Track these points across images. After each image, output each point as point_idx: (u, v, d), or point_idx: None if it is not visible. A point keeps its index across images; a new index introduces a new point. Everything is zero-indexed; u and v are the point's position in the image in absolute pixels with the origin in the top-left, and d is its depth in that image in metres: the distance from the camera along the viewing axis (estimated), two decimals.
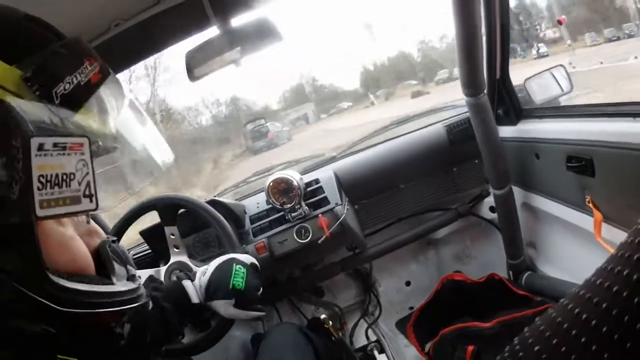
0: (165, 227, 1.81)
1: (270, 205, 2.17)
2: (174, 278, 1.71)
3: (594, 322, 0.46)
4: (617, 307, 0.45)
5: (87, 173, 0.59)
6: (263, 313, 1.45)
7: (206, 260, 2.08)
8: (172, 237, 1.80)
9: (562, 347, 0.48)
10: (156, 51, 1.64)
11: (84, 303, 0.60)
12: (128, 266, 0.76)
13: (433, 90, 11.46)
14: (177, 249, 1.79)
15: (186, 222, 2.03)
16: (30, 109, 0.56)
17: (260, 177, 2.62)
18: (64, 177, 0.56)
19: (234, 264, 1.40)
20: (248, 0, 1.50)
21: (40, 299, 0.54)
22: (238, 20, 1.51)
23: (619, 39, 5.51)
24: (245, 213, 2.27)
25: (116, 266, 0.72)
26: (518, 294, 2.31)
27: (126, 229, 1.87)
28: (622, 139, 1.46)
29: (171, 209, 1.81)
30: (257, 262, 1.53)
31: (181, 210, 1.86)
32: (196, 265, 1.73)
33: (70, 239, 0.62)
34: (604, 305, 0.46)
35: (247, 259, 1.50)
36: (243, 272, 1.39)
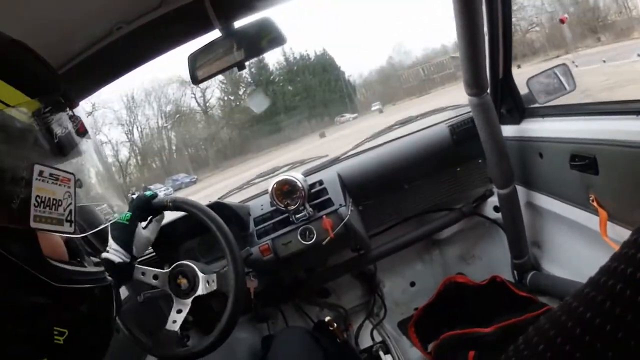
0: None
1: (274, 207, 2.17)
2: (177, 281, 1.70)
3: (597, 320, 0.46)
4: (621, 305, 0.45)
5: (70, 203, 0.71)
6: None
7: (210, 262, 2.08)
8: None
9: (566, 346, 0.48)
10: (159, 54, 1.64)
11: (72, 280, 0.73)
12: (91, 257, 0.88)
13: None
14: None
15: (190, 224, 2.03)
16: (40, 139, 0.69)
17: (264, 178, 2.62)
18: (54, 201, 0.68)
19: None
20: (250, 3, 1.51)
21: (41, 276, 0.67)
22: (241, 23, 1.51)
23: None
24: (250, 215, 2.27)
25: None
26: (520, 296, 2.30)
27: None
28: (626, 137, 1.46)
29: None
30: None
31: (181, 214, 1.86)
32: (201, 270, 1.71)
33: (50, 234, 0.74)
34: (607, 304, 0.46)
35: None
36: None
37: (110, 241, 1.54)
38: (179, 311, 1.64)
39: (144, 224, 1.65)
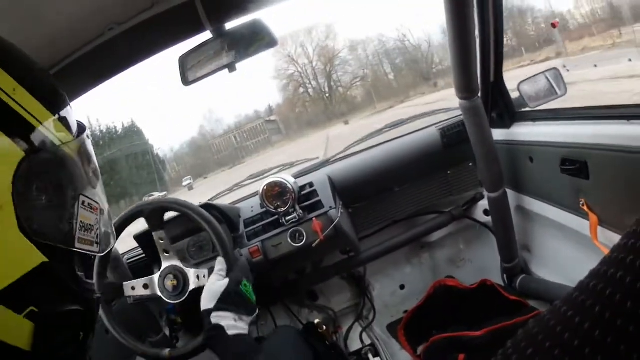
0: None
1: (265, 209, 2.15)
2: (167, 283, 1.70)
3: (587, 325, 0.46)
4: (610, 310, 0.44)
5: (99, 228, 0.82)
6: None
7: (200, 264, 2.07)
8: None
9: (555, 350, 0.48)
10: (150, 55, 1.63)
11: (92, 291, 0.83)
12: None
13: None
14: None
15: (180, 225, 2.02)
16: (82, 171, 0.80)
17: (254, 180, 2.61)
18: (89, 226, 0.79)
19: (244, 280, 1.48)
20: (242, 4, 1.50)
21: (75, 288, 0.77)
22: (232, 25, 1.50)
23: None
24: (240, 217, 2.26)
25: None
26: (510, 300, 2.31)
27: (116, 239, 1.85)
28: (617, 141, 1.46)
29: (158, 213, 1.77)
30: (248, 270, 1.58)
31: (172, 214, 1.85)
32: (189, 269, 1.71)
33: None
34: (597, 309, 0.46)
35: (243, 269, 1.55)
36: (250, 288, 1.48)
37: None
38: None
39: None
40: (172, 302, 1.66)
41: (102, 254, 0.85)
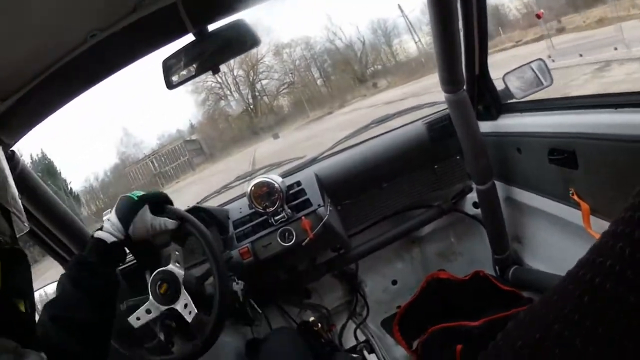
0: None
1: (253, 210, 2.16)
2: (159, 289, 1.68)
3: (576, 316, 0.45)
4: (600, 299, 0.44)
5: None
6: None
7: (191, 267, 2.06)
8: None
9: (545, 342, 0.47)
10: (134, 60, 1.61)
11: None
12: None
13: None
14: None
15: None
16: None
17: (242, 181, 2.61)
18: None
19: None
20: (224, 6, 1.49)
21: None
22: (214, 26, 1.49)
23: None
24: (229, 218, 2.25)
25: None
26: (504, 290, 2.32)
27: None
28: (604, 130, 1.47)
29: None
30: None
31: None
32: (182, 276, 1.69)
33: None
34: (586, 298, 0.45)
35: None
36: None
37: (112, 213, 1.53)
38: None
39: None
40: (165, 307, 1.64)
41: None
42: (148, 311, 1.64)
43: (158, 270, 1.67)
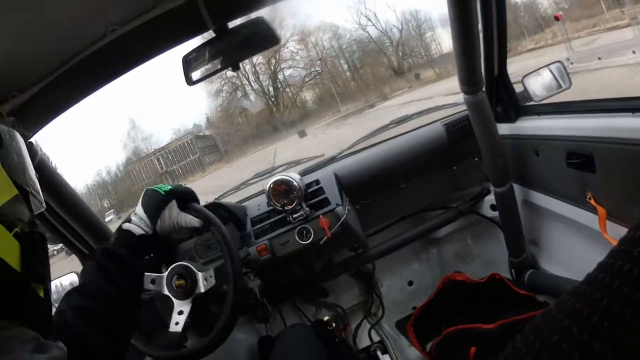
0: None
1: (271, 207, 2.16)
2: (175, 282, 1.69)
3: (595, 318, 0.45)
4: (618, 302, 0.44)
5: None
6: None
7: (208, 263, 2.07)
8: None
9: (564, 344, 0.48)
10: (153, 55, 1.63)
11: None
12: None
13: None
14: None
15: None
16: None
17: (260, 179, 2.61)
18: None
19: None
20: (245, 3, 1.50)
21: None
22: (234, 23, 1.50)
23: None
24: (247, 215, 2.27)
25: None
26: (520, 294, 2.30)
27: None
28: (622, 134, 1.46)
29: None
30: None
31: None
32: (198, 269, 1.70)
33: None
34: (604, 302, 0.45)
35: None
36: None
37: (139, 207, 1.51)
38: (180, 312, 1.62)
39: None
40: (179, 301, 1.65)
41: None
42: (152, 281, 1.66)
43: (174, 264, 1.70)
